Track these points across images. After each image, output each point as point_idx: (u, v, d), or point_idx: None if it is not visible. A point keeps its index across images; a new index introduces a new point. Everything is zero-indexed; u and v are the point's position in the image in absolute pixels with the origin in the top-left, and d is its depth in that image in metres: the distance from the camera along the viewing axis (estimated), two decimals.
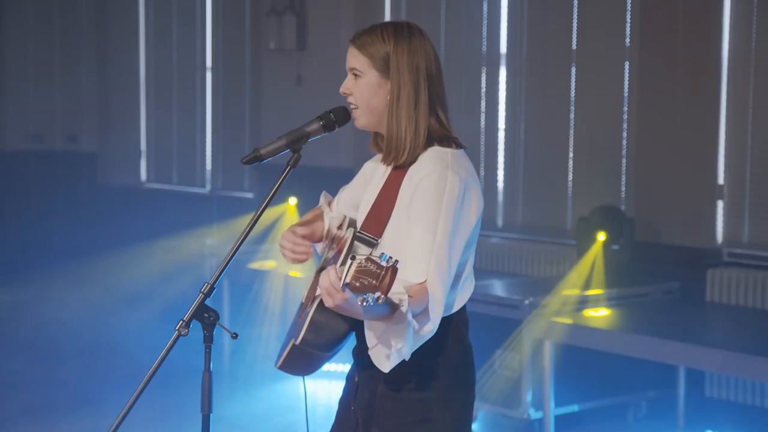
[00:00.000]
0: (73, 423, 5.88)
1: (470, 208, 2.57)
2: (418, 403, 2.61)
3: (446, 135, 2.63)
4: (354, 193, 2.86)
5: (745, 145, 6.22)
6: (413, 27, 2.66)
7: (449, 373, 2.63)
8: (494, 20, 7.52)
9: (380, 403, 2.64)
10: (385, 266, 2.14)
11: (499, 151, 7.55)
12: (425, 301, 2.43)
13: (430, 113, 2.62)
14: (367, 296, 2.14)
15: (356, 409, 2.71)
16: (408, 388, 2.61)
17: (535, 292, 5.78)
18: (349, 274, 2.16)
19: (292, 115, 7.63)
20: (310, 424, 3.03)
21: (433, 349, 2.55)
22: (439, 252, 2.48)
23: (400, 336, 2.38)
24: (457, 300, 2.64)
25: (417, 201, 2.53)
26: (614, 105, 6.81)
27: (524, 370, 5.55)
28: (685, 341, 5.05)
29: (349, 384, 2.79)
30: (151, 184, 10.88)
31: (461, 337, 2.67)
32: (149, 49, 10.83)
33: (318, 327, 2.59)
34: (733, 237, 6.30)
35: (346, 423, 2.76)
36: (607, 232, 6.18)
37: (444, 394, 2.63)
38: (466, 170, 2.60)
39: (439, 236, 2.49)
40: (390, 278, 2.14)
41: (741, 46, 6.22)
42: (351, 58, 2.65)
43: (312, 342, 2.59)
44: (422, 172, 2.55)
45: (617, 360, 5.64)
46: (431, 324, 2.45)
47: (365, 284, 2.14)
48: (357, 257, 2.17)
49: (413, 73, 2.60)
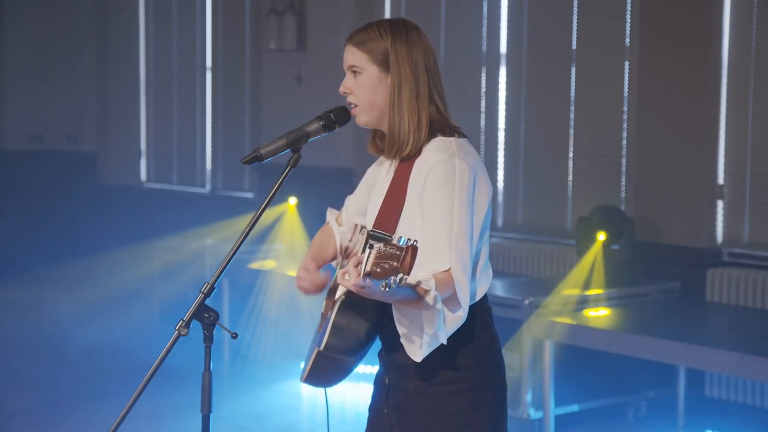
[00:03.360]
0: (73, 423, 5.87)
1: (481, 194, 2.59)
2: (453, 396, 2.61)
3: (447, 124, 2.65)
4: (360, 200, 2.86)
5: (745, 145, 6.22)
6: (408, 22, 2.68)
7: (480, 363, 2.63)
8: (494, 20, 7.52)
9: (414, 401, 2.63)
10: (404, 247, 2.16)
11: (499, 151, 7.56)
12: (452, 287, 2.44)
13: (430, 104, 2.63)
14: (390, 280, 2.15)
15: (389, 410, 2.69)
16: (440, 381, 2.60)
17: (535, 292, 5.78)
18: (369, 263, 2.17)
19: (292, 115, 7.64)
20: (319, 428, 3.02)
21: (460, 339, 2.56)
22: (459, 238, 2.48)
23: (431, 321, 2.39)
24: (479, 289, 2.64)
25: (429, 191, 2.53)
26: (614, 105, 6.81)
27: (524, 370, 5.55)
28: (685, 341, 5.05)
29: (378, 387, 2.77)
30: (151, 184, 10.88)
31: (487, 325, 2.67)
32: (149, 49, 10.83)
33: (341, 330, 2.57)
34: (733, 237, 6.30)
35: (379, 427, 2.74)
36: (607, 232, 6.18)
37: (477, 384, 2.62)
38: (472, 157, 2.61)
39: (456, 223, 2.49)
40: (411, 257, 2.16)
41: (741, 46, 6.22)
42: (349, 56, 2.66)
43: (336, 346, 2.57)
44: (430, 163, 2.56)
45: (617, 360, 5.64)
46: (462, 310, 2.46)
47: (386, 268, 2.15)
48: (375, 246, 2.19)
49: (413, 66, 2.62)
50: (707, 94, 6.27)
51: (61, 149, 11.54)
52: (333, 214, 2.95)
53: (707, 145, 6.29)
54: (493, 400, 2.66)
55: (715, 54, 6.25)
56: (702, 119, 6.29)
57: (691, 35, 6.33)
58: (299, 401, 6.29)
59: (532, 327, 5.50)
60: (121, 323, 8.17)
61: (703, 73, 6.27)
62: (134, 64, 10.90)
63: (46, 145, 11.50)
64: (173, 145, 10.58)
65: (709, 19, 6.24)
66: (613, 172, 6.84)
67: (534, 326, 5.50)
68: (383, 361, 2.73)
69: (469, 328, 2.58)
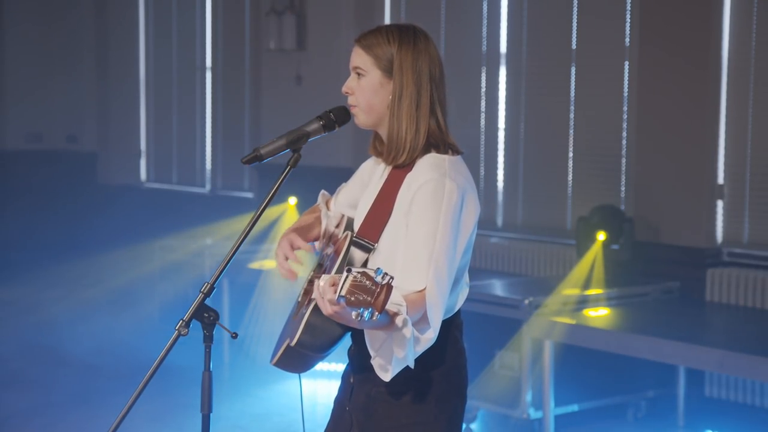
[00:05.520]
0: (73, 423, 5.87)
1: (468, 215, 2.58)
2: (413, 406, 2.62)
3: (443, 140, 2.64)
4: (352, 193, 2.86)
5: (745, 145, 6.22)
6: (418, 30, 2.67)
7: (443, 377, 2.64)
8: (494, 20, 7.52)
9: (375, 406, 2.65)
10: (380, 283, 2.14)
11: (499, 151, 7.56)
12: (423, 308, 2.44)
13: (431, 115, 2.63)
14: (362, 311, 2.13)
15: (351, 409, 2.72)
16: (403, 391, 2.61)
17: (535, 292, 5.78)
18: (345, 288, 2.15)
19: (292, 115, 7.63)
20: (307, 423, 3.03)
21: (428, 353, 2.55)
22: (438, 260, 2.48)
23: (401, 344, 2.39)
24: (454, 304, 2.64)
25: (415, 209, 2.53)
26: (614, 105, 6.81)
27: (524, 370, 5.55)
28: (685, 341, 5.05)
29: (344, 384, 2.79)
30: (151, 183, 10.88)
31: (455, 341, 2.68)
32: (149, 49, 10.83)
33: (313, 329, 2.58)
34: (732, 237, 6.30)
35: (341, 422, 2.76)
36: (607, 232, 6.18)
37: (438, 397, 2.63)
38: (463, 177, 2.60)
39: (438, 244, 2.49)
40: (385, 296, 2.14)
41: (741, 46, 6.22)
42: (355, 58, 2.66)
43: (307, 344, 2.59)
44: (420, 180, 2.56)
45: (617, 360, 5.65)
46: (432, 331, 2.46)
47: (360, 299, 2.14)
48: (353, 270, 2.16)
49: (416, 75, 2.61)
50: (707, 94, 6.27)
51: (61, 149, 11.54)
52: (324, 198, 2.97)
53: (707, 145, 6.29)
54: (452, 414, 2.67)
55: (715, 54, 6.25)
56: (702, 119, 6.30)
57: (691, 35, 6.33)
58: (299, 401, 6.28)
59: (532, 327, 5.50)
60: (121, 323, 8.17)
61: (703, 73, 6.27)
62: (134, 64, 10.90)
63: (46, 145, 11.50)
64: (173, 145, 10.58)
65: (709, 19, 6.24)
66: (613, 172, 6.84)
67: (534, 326, 5.50)
68: (351, 360, 2.74)
69: (439, 343, 2.56)
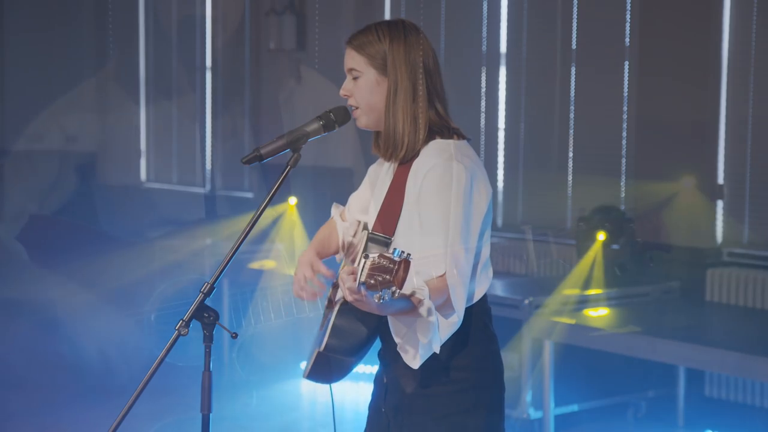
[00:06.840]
0: (73, 423, 5.87)
1: (479, 197, 2.57)
2: (451, 396, 2.61)
3: (446, 126, 2.63)
4: (362, 198, 2.86)
5: (745, 145, 6.22)
6: (408, 24, 2.67)
7: (478, 364, 2.64)
8: (494, 20, 7.52)
9: (411, 402, 2.63)
10: (397, 260, 2.17)
11: (499, 151, 7.55)
12: (445, 292, 2.44)
13: (429, 107, 2.62)
14: (384, 293, 2.16)
15: (387, 410, 2.70)
16: (438, 383, 2.60)
17: (535, 292, 5.78)
18: (364, 273, 2.18)
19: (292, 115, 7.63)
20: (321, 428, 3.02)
21: (458, 341, 2.56)
22: (455, 243, 2.48)
23: (425, 330, 2.39)
24: (477, 290, 2.63)
25: (425, 196, 2.53)
26: (614, 105, 6.80)
27: (524, 370, 5.55)
28: (685, 341, 5.05)
29: (377, 386, 2.78)
30: (151, 183, 10.87)
31: (485, 326, 2.67)
32: (149, 49, 10.83)
33: (340, 332, 2.59)
34: (732, 237, 6.29)
35: (377, 425, 2.75)
36: (607, 232, 6.18)
37: (475, 385, 2.63)
38: (470, 159, 2.59)
39: (453, 227, 2.49)
40: (403, 271, 2.16)
41: (741, 46, 6.22)
42: (349, 60, 2.67)
43: (336, 347, 2.59)
44: (427, 166, 2.55)
45: (617, 360, 5.64)
46: (456, 315, 2.46)
47: (380, 280, 2.16)
48: (370, 255, 2.19)
49: (410, 69, 2.61)
50: (707, 94, 6.27)
51: (61, 149, 11.53)
52: (338, 210, 2.95)
53: (707, 145, 6.29)
54: (491, 401, 2.66)
55: (715, 54, 6.25)
56: (702, 119, 6.29)
57: (691, 35, 6.32)
58: (299, 401, 6.29)
59: (532, 327, 5.50)
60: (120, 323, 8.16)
61: (703, 73, 6.27)
62: (134, 64, 10.89)
63: (46, 145, 11.49)
64: (173, 144, 10.58)
65: (709, 19, 6.24)
66: (613, 172, 6.84)
67: (534, 326, 5.50)
68: (382, 361, 2.73)
69: (468, 330, 2.57)
